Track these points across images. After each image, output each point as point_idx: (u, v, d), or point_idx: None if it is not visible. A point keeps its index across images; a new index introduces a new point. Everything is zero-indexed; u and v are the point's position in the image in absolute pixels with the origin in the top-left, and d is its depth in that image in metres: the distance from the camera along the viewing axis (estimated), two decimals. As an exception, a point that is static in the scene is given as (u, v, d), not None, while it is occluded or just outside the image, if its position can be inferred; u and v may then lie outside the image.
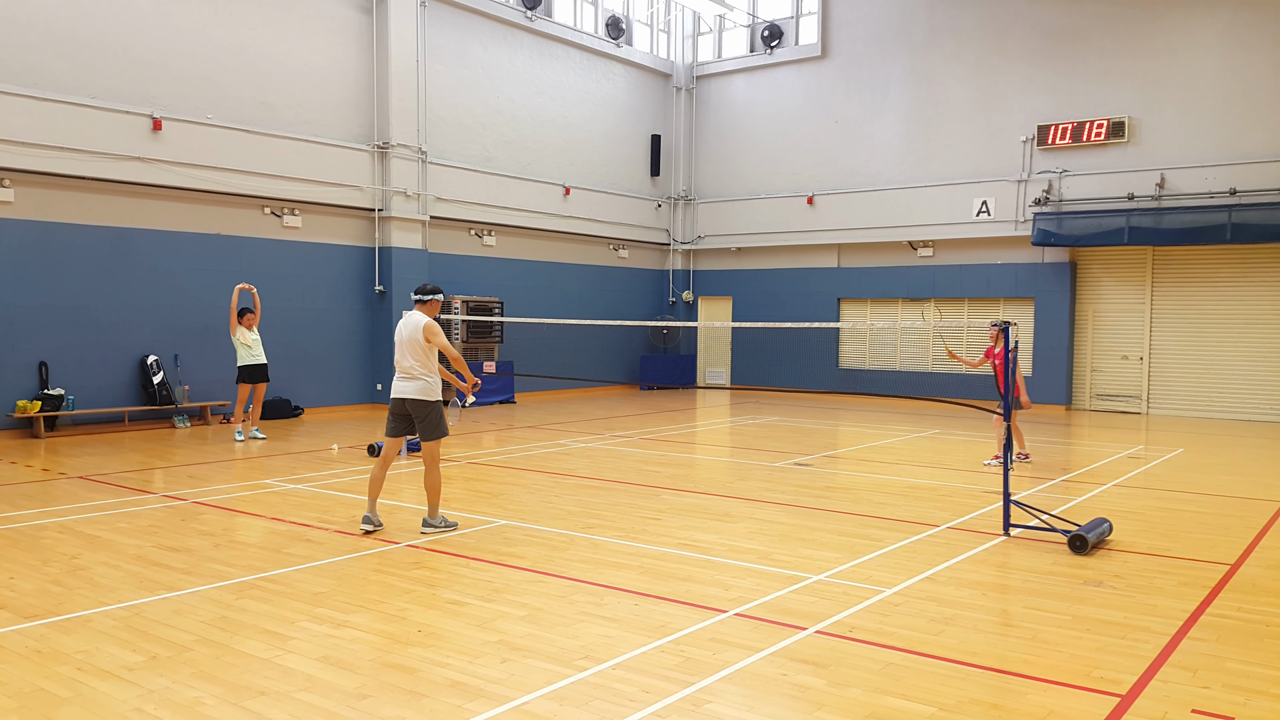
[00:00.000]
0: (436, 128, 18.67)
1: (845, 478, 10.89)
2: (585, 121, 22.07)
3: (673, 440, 14.21)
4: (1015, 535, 7.77)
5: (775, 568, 6.75)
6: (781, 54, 22.84)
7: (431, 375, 7.63)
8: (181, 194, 14.97)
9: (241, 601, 5.89)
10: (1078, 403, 19.36)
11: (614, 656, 4.95)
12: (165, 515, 8.44)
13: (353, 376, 17.69)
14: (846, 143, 21.81)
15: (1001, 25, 19.76)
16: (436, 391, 7.66)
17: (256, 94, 15.87)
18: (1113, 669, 4.84)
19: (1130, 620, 5.64)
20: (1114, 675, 4.75)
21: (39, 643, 5.12)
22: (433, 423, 7.65)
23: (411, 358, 7.59)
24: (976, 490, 9.92)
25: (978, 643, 5.23)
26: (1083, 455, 13.18)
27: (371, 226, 17.73)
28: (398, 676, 4.68)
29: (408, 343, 7.61)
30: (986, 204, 19.77)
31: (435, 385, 7.66)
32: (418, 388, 7.60)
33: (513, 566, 6.74)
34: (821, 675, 4.72)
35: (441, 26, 18.72)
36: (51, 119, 13.39)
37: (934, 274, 20.73)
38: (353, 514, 8.47)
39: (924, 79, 20.73)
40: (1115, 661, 4.95)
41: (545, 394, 21.03)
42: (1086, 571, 6.73)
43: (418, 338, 7.57)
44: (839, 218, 21.75)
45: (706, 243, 24.02)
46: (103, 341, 14.22)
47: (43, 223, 13.56)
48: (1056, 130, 18.93)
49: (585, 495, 9.53)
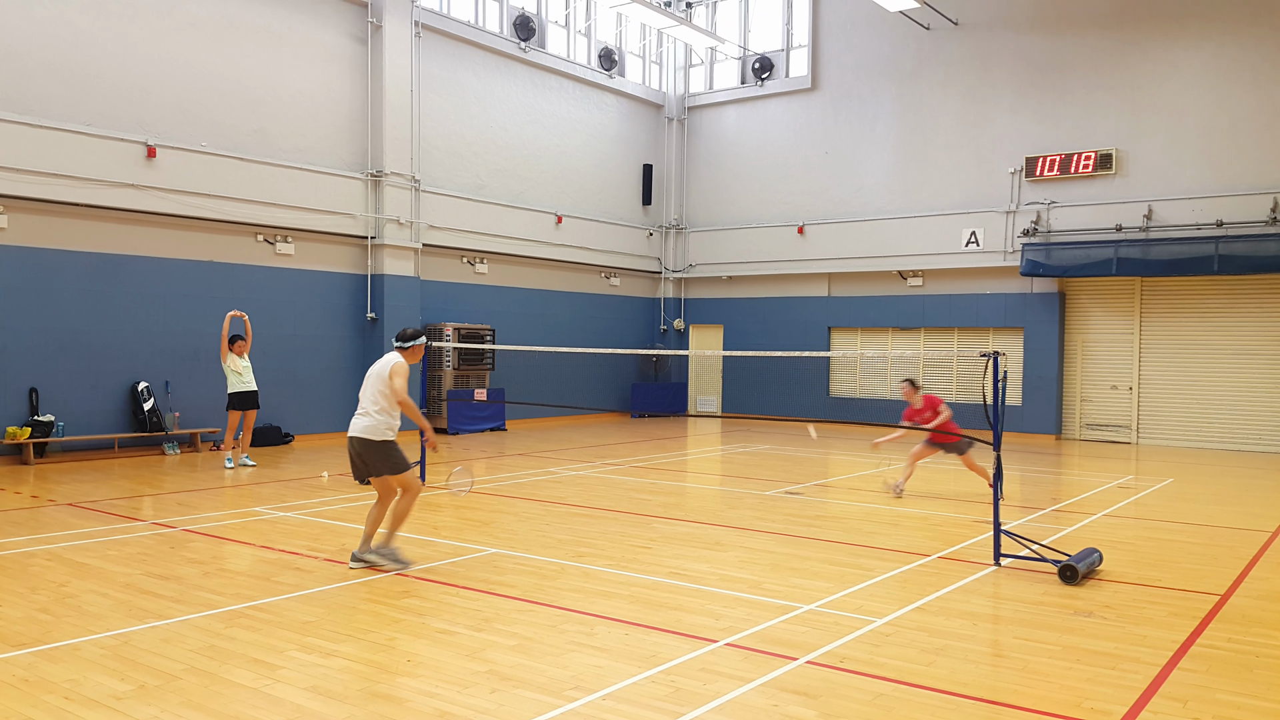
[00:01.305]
0: (430, 156, 18.78)
1: (836, 507, 10.89)
2: (578, 151, 22.22)
3: (664, 468, 14.21)
4: (1006, 565, 7.78)
5: (766, 597, 6.74)
6: (772, 86, 23.07)
7: (382, 414, 7.29)
8: (174, 221, 15.01)
9: (230, 630, 5.85)
10: (1068, 432, 19.44)
11: (604, 687, 4.93)
12: (154, 543, 8.39)
13: (343, 404, 17.61)
14: (837, 173, 22.00)
15: (989, 57, 20.01)
16: (384, 430, 7.29)
17: (251, 122, 15.96)
18: (1103, 699, 4.84)
19: (1120, 650, 5.64)
20: (1104, 706, 4.76)
21: (27, 671, 5.08)
22: (384, 459, 7.30)
23: (370, 395, 7.37)
24: (967, 520, 9.93)
25: (969, 673, 5.22)
26: (1073, 485, 13.21)
27: (364, 254, 17.78)
28: (386, 707, 4.66)
29: (374, 379, 7.43)
30: (975, 234, 19.93)
31: (384, 425, 7.29)
32: (365, 425, 7.31)
33: (503, 595, 6.72)
34: (812, 706, 4.71)
35: (436, 56, 18.88)
36: (45, 145, 13.43)
37: (924, 303, 20.86)
38: (343, 543, 8.44)
39: (913, 110, 20.95)
40: (1106, 692, 4.95)
41: (536, 421, 21.01)
42: (1077, 602, 6.74)
43: (384, 374, 7.35)
44: (829, 247, 21.89)
45: (698, 271, 24.13)
46: (94, 367, 14.18)
47: (35, 249, 13.56)
48: (1045, 161, 19.13)
49: (576, 523, 9.51)
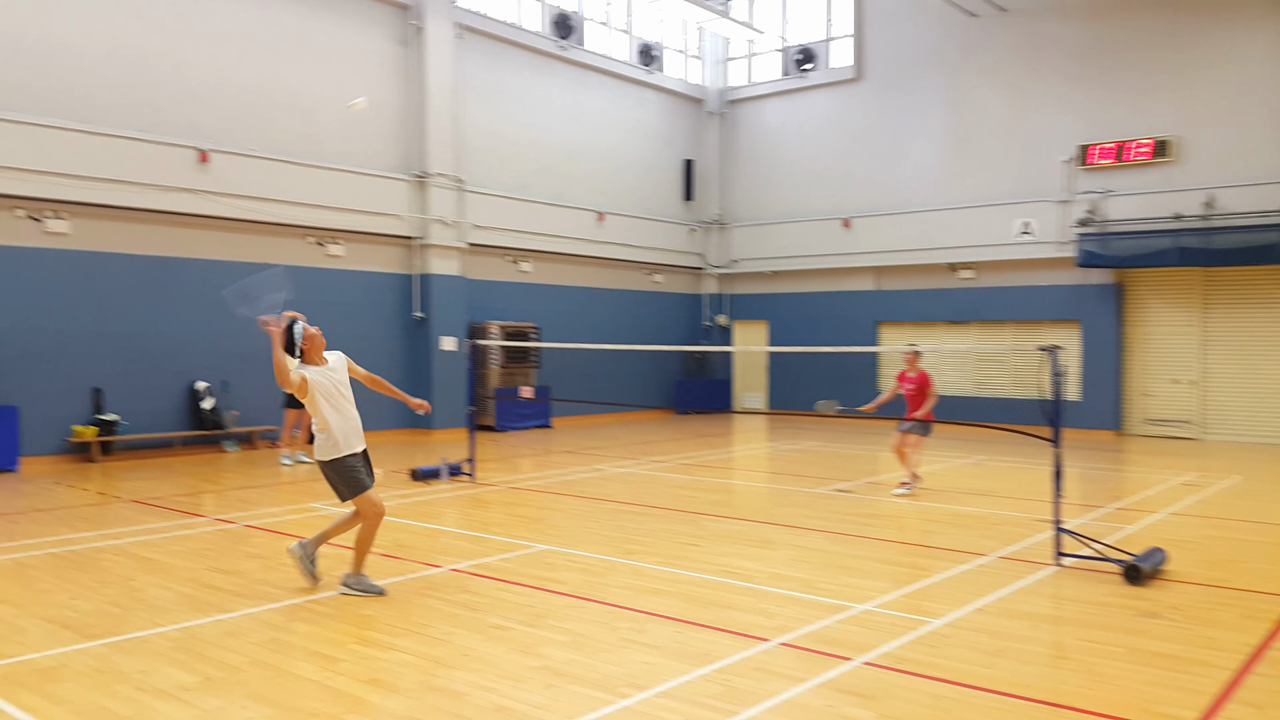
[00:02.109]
0: (473, 156, 18.91)
1: (888, 505, 10.77)
2: (618, 147, 22.24)
3: (710, 465, 14.17)
4: (1067, 565, 7.63)
5: (819, 596, 6.69)
6: (815, 77, 22.88)
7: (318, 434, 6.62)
8: (228, 224, 15.28)
9: (292, 624, 5.96)
10: (1128, 428, 19.02)
11: (658, 684, 4.93)
12: (217, 538, 8.57)
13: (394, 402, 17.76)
14: (882, 164, 21.76)
15: (1038, 44, 19.65)
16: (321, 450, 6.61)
17: (299, 126, 16.19)
18: (1172, 704, 4.73)
19: (1189, 654, 5.51)
20: (1174, 711, 4.65)
21: (99, 662, 5.24)
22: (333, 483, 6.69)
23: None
24: (1026, 519, 9.77)
25: (1030, 675, 5.14)
26: (1134, 482, 12.95)
27: (410, 254, 17.95)
28: (444, 700, 4.71)
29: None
30: (1028, 225, 19.58)
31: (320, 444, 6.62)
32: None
33: (554, 591, 6.75)
34: (870, 708, 4.66)
35: (477, 57, 19.00)
36: (103, 152, 13.75)
37: (976, 296, 20.55)
38: (396, 538, 8.54)
39: (960, 99, 20.66)
40: (1175, 696, 4.83)
41: (581, 419, 21.07)
42: (1142, 603, 6.59)
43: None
44: (876, 240, 21.66)
45: (741, 266, 24.01)
46: (154, 368, 14.50)
47: (96, 253, 13.90)
48: (1098, 149, 18.73)
49: (624, 520, 9.52)
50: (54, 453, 13.48)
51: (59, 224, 13.52)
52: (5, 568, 7.43)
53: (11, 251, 13.13)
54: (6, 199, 13.03)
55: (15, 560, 7.68)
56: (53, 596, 6.56)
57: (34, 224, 13.33)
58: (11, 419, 12.77)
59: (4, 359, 13.01)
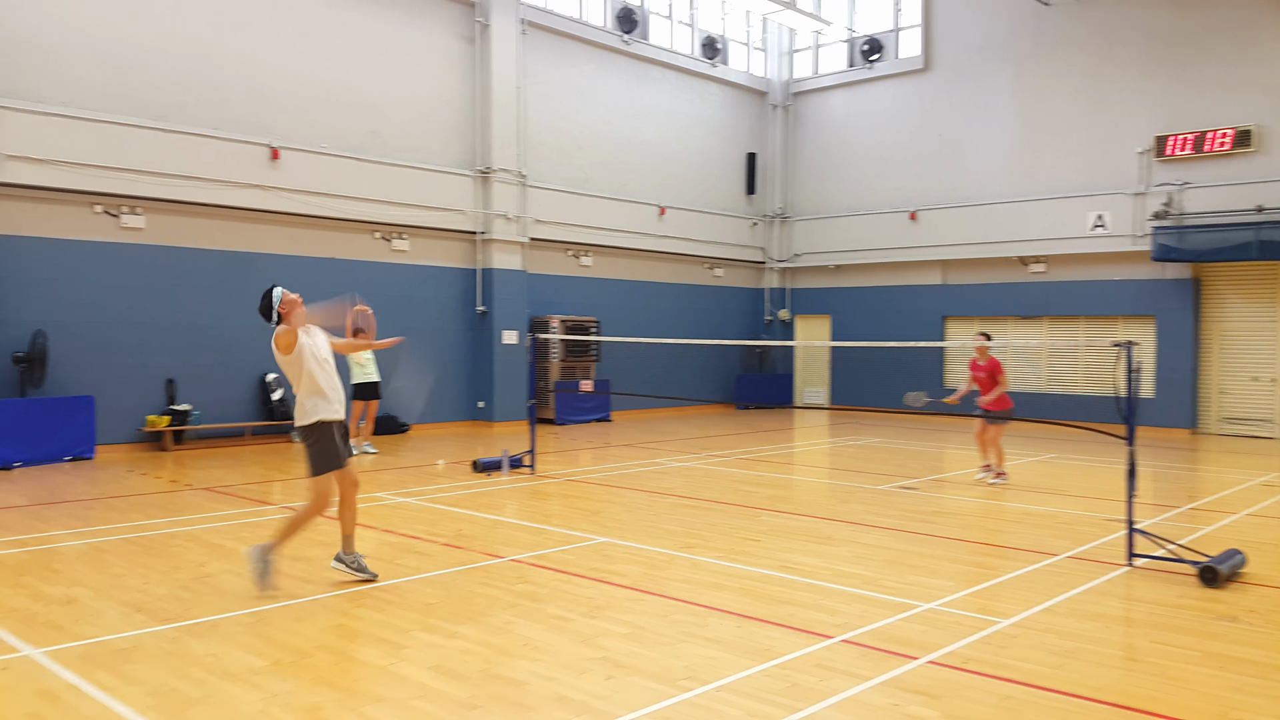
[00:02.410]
0: (535, 151, 19.01)
1: (954, 502, 10.58)
2: (680, 141, 22.17)
3: (771, 460, 14.07)
4: (1140, 566, 7.41)
5: (882, 594, 6.60)
6: (881, 68, 22.55)
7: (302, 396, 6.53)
8: (297, 219, 15.60)
9: (358, 610, 6.06)
10: (1204, 426, 18.44)
11: (718, 678, 4.90)
12: (282, 527, 8.74)
13: (456, 394, 18.08)
14: (951, 156, 21.36)
15: (1114, 33, 19.10)
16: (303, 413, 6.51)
17: (366, 123, 16.45)
18: (1250, 710, 4.56)
19: (1270, 659, 5.30)
20: (1251, 717, 4.48)
21: (172, 645, 5.38)
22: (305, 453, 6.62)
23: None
24: (1097, 518, 9.52)
25: (1101, 678, 5.00)
26: (1210, 482, 12.54)
27: (473, 249, 18.13)
28: (506, 689, 4.74)
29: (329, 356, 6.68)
30: (1102, 218, 19.06)
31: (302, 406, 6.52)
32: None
33: (614, 584, 6.76)
34: (935, 707, 4.57)
35: (540, 52, 19.09)
36: (178, 150, 14.12)
37: (1046, 290, 20.08)
38: (459, 528, 8.63)
39: (1032, 89, 20.18)
40: (1254, 703, 4.66)
41: (641, 412, 21.09)
42: (1219, 605, 6.37)
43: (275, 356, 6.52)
44: (943, 233, 21.28)
45: (803, 260, 23.79)
46: (225, 360, 14.87)
47: (170, 247, 14.29)
48: (1176, 140, 18.15)
49: (684, 514, 9.49)
50: (128, 441, 13.90)
51: (134, 219, 13.93)
52: (81, 552, 7.67)
53: (88, 246, 13.55)
54: (84, 195, 13.45)
55: (91, 545, 7.93)
56: (127, 580, 6.75)
57: (110, 219, 13.75)
58: (88, 408, 13.17)
59: (81, 350, 13.44)
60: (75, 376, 13.35)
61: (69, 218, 13.38)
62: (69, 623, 5.75)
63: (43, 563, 7.29)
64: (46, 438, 12.65)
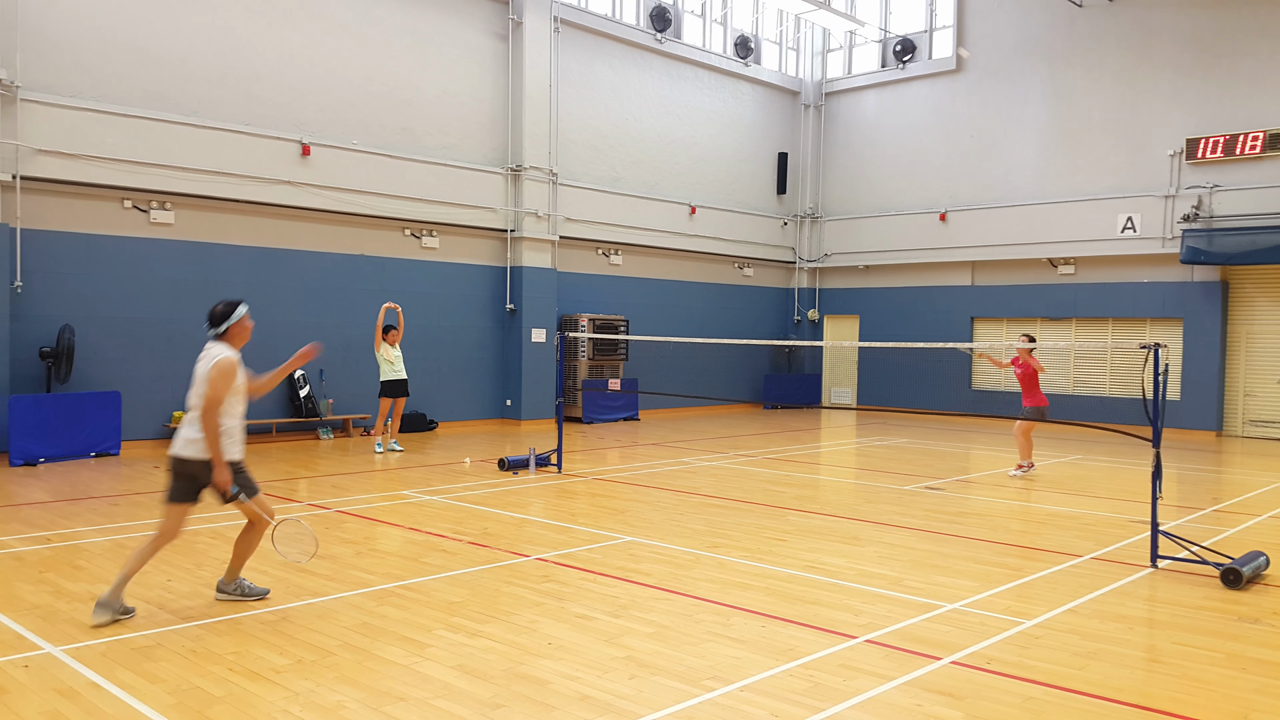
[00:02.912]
0: (567, 150, 19.08)
1: (979, 503, 10.53)
2: (712, 141, 22.16)
3: (798, 460, 14.06)
4: (1163, 567, 7.37)
5: (907, 594, 6.59)
6: (914, 68, 22.42)
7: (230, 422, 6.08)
8: (328, 216, 15.75)
9: (382, 608, 6.12)
10: (1229, 429, 18.22)
11: (742, 678, 4.92)
12: (310, 523, 8.83)
13: (484, 392, 18.18)
14: (982, 158, 21.21)
15: (1147, 35, 18.88)
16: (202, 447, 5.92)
17: (398, 120, 16.57)
18: (1273, 713, 4.53)
19: (1295, 663, 5.27)
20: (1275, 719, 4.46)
21: (194, 643, 5.42)
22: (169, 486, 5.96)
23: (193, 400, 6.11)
24: (1121, 520, 9.44)
25: (1124, 679, 4.98)
26: (1235, 484, 12.38)
27: (504, 247, 18.23)
28: (529, 688, 4.78)
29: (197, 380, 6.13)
30: (1131, 220, 18.86)
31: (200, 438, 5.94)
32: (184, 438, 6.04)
33: (639, 583, 6.79)
34: (958, 708, 4.57)
35: (573, 51, 19.15)
36: (209, 145, 14.28)
37: (1075, 292, 19.90)
38: (485, 526, 8.70)
39: (1064, 91, 19.99)
40: (1276, 705, 4.63)
41: (669, 411, 21.11)
42: (1241, 607, 6.32)
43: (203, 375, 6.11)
44: (973, 234, 21.14)
45: (833, 260, 23.71)
46: (253, 356, 14.75)
47: (199, 243, 14.45)
48: (1207, 144, 17.93)
49: (710, 514, 9.51)
50: (154, 437, 14.02)
51: (164, 215, 14.09)
52: (105, 548, 7.73)
53: (117, 241, 13.72)
54: (113, 190, 13.60)
55: (115, 541, 8.00)
56: (150, 578, 6.77)
57: (140, 214, 13.92)
58: (115, 404, 13.22)
59: (109, 346, 13.61)
60: (102, 372, 13.53)
61: (98, 213, 13.54)
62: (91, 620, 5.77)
63: (66, 559, 7.36)
64: (72, 433, 12.73)
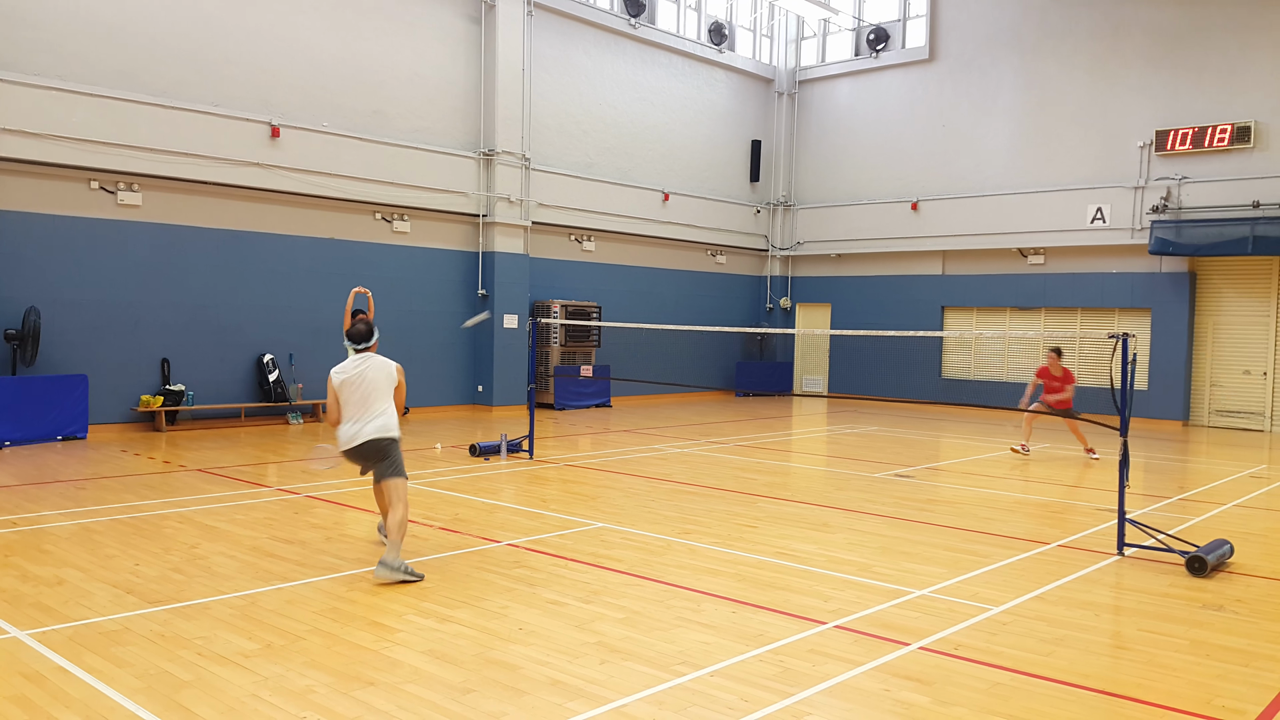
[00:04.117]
0: (540, 135, 18.97)
1: (948, 491, 10.63)
2: (685, 128, 22.12)
3: (769, 448, 14.11)
4: (1130, 555, 7.47)
5: (876, 580, 6.64)
6: (888, 57, 22.49)
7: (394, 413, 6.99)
8: (297, 199, 15.57)
9: (351, 593, 6.08)
10: (1195, 418, 18.50)
11: (712, 663, 4.94)
12: (279, 508, 8.78)
13: (456, 378, 18.09)
14: (954, 147, 21.33)
15: (1118, 27, 19.04)
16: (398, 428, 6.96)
17: (370, 103, 16.40)
18: (1235, 698, 4.61)
19: (1254, 648, 5.36)
20: (1236, 705, 4.53)
21: (163, 627, 5.38)
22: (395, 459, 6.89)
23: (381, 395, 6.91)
24: (1088, 508, 9.57)
25: (1090, 665, 5.04)
26: (1201, 473, 12.59)
27: (475, 232, 18.11)
28: (500, 672, 4.77)
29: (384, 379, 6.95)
30: (1101, 211, 19.06)
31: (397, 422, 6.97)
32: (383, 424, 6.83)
33: (610, 569, 6.79)
34: (926, 693, 4.61)
35: (547, 35, 19.02)
36: (177, 126, 14.06)
37: (1045, 282, 20.10)
38: (456, 512, 8.67)
39: (1036, 82, 20.13)
40: (1238, 690, 4.71)
41: (641, 399, 21.12)
42: (1206, 595, 6.43)
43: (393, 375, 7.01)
44: (945, 224, 21.27)
45: (805, 249, 23.77)
46: (222, 340, 14.87)
47: (168, 225, 14.25)
48: (1176, 135, 18.14)
49: (681, 500, 9.53)
50: (121, 421, 13.88)
51: (131, 196, 13.88)
52: (72, 533, 7.65)
53: (84, 222, 13.51)
54: (80, 170, 13.39)
55: (82, 525, 7.91)
56: (118, 562, 6.73)
57: (107, 195, 13.71)
58: (82, 387, 13.08)
59: (75, 329, 13.41)
60: (68, 355, 13.34)
61: (65, 193, 13.33)
62: (57, 604, 5.74)
63: (32, 543, 7.27)
64: (38, 417, 12.59)
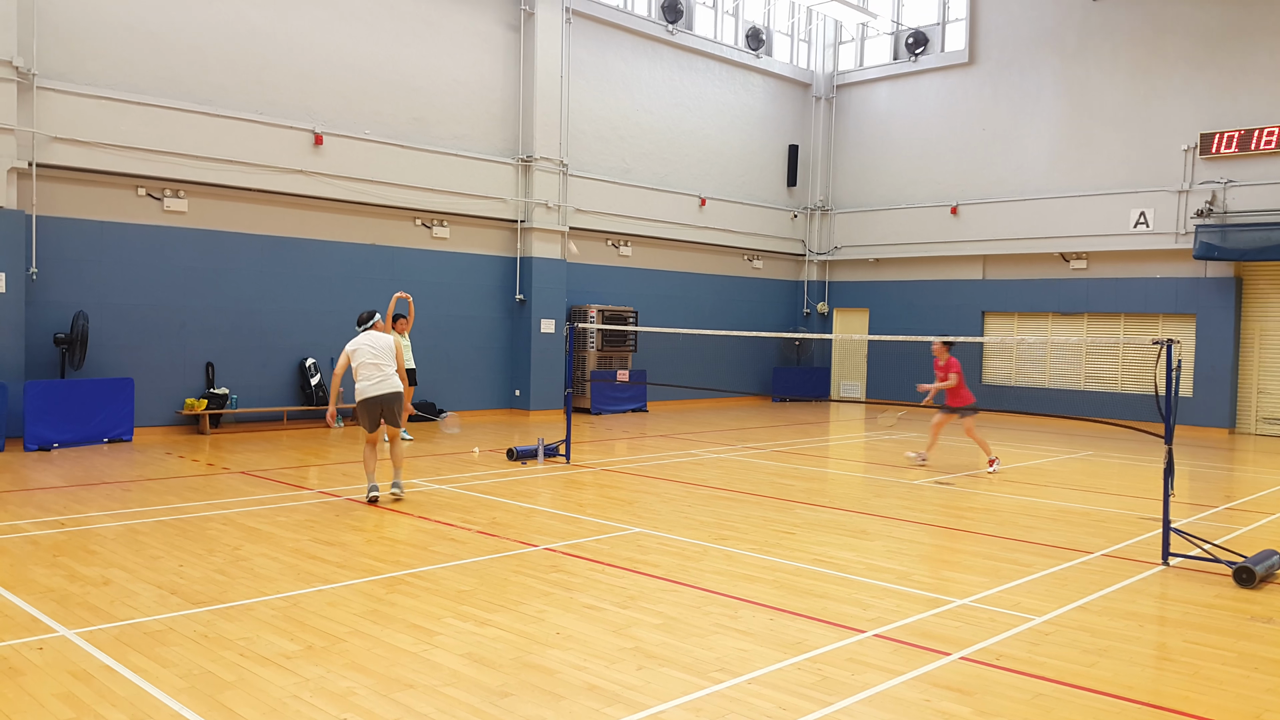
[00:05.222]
0: (577, 141, 19.05)
1: (989, 499, 10.50)
2: (722, 133, 22.10)
3: (806, 454, 14.03)
4: (1175, 565, 7.33)
5: (916, 589, 6.57)
6: (926, 61, 22.32)
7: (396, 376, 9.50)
8: (339, 205, 15.77)
9: (391, 596, 6.13)
10: (1242, 426, 18.13)
11: (750, 671, 4.92)
12: (320, 511, 8.88)
13: (493, 382, 18.20)
14: (994, 151, 21.11)
15: (1161, 28, 18.74)
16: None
17: (410, 110, 16.57)
18: (1287, 714, 4.51)
19: (1307, 663, 5.24)
20: (1290, 721, 4.43)
21: (206, 628, 5.45)
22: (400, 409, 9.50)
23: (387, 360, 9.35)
24: (1133, 516, 9.41)
25: (1134, 676, 4.96)
26: (1248, 482, 12.32)
27: (514, 237, 18.22)
28: (538, 677, 4.79)
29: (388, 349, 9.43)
30: (1144, 215, 18.76)
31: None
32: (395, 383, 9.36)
33: (647, 574, 6.79)
34: (966, 703, 4.56)
35: (585, 41, 19.10)
36: (222, 134, 14.31)
37: (1087, 287, 19.82)
38: (493, 515, 8.71)
39: (1077, 85, 19.87)
40: (1290, 706, 4.61)
41: (677, 403, 21.10)
42: (1254, 606, 6.29)
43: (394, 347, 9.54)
44: (985, 228, 21.05)
45: (843, 254, 23.64)
46: (265, 344, 15.09)
47: (212, 231, 14.50)
48: (1222, 138, 17.80)
49: (718, 506, 9.51)
50: (166, 424, 14.12)
51: (177, 203, 14.13)
52: (118, 534, 7.77)
53: (131, 229, 13.76)
54: (128, 178, 13.65)
55: (128, 526, 8.04)
56: (162, 563, 6.83)
57: (154, 202, 13.96)
58: (128, 391, 13.28)
59: (122, 333, 13.67)
60: (115, 358, 13.59)
61: (112, 200, 13.60)
62: (104, 604, 5.83)
63: (79, 544, 7.40)
64: (85, 419, 12.81)
